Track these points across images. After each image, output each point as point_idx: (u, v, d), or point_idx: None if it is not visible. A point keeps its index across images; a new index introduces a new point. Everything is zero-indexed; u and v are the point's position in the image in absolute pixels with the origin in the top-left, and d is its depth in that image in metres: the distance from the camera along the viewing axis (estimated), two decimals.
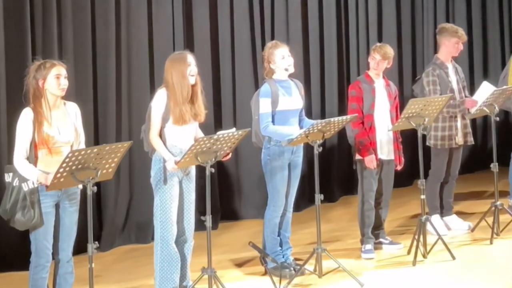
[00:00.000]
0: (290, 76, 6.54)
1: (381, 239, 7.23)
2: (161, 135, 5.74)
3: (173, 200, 5.78)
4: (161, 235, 5.78)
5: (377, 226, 7.20)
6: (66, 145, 5.35)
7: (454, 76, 7.61)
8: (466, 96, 7.62)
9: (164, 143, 5.73)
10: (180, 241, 5.91)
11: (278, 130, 6.34)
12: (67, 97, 6.91)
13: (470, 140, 7.68)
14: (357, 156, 7.01)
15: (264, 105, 6.36)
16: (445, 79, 7.51)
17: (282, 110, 6.40)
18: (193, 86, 5.75)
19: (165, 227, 5.77)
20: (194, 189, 5.94)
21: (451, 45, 7.59)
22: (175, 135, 5.75)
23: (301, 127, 6.47)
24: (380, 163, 7.02)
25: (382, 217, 7.23)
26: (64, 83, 5.31)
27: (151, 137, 5.74)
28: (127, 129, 7.62)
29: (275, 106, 6.37)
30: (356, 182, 8.94)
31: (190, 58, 5.76)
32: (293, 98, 6.47)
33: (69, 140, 5.37)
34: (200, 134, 5.96)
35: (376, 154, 6.94)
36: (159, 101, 5.72)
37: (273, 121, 6.36)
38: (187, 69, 5.70)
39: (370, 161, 6.92)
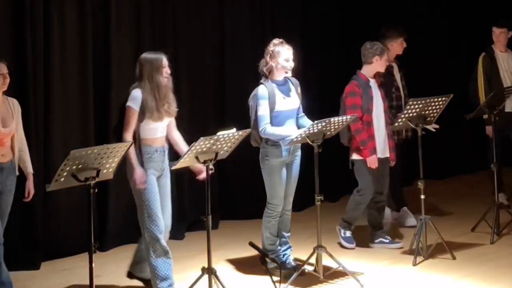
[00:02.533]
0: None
1: (381, 239, 7.24)
2: (135, 134, 5.86)
3: (156, 197, 5.86)
4: (151, 235, 5.83)
5: (377, 226, 7.22)
6: (8, 137, 5.87)
7: (398, 74, 7.96)
8: (405, 94, 7.93)
9: (140, 141, 5.85)
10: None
11: (276, 131, 6.34)
12: (69, 96, 6.96)
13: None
14: (355, 156, 7.03)
15: (261, 107, 6.36)
16: (390, 78, 7.81)
17: (280, 111, 6.40)
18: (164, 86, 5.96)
19: (154, 225, 5.83)
20: (169, 183, 6.08)
21: (397, 45, 7.92)
22: (150, 132, 5.88)
23: (299, 125, 6.49)
24: (379, 162, 7.04)
25: (381, 217, 7.26)
26: (5, 78, 5.82)
27: (125, 137, 5.81)
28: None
29: (272, 107, 6.37)
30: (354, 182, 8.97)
31: (165, 60, 5.95)
32: (291, 99, 6.47)
33: (11, 131, 5.87)
34: (176, 132, 6.13)
35: (376, 154, 6.96)
36: (135, 101, 5.84)
37: (271, 122, 6.36)
38: (162, 71, 5.89)
39: (373, 161, 6.95)
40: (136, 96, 5.84)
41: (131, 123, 5.82)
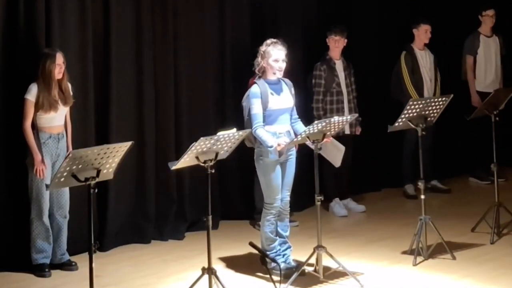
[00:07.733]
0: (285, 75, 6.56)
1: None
2: (33, 122, 6.56)
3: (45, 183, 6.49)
4: (36, 213, 6.59)
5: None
6: None
7: (343, 72, 8.46)
8: (353, 92, 8.54)
9: (37, 129, 6.57)
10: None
11: (263, 136, 6.33)
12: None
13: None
14: None
15: (255, 106, 6.38)
16: (331, 73, 8.39)
17: (272, 110, 6.41)
18: (61, 78, 6.65)
19: (38, 206, 6.59)
20: None
21: (341, 43, 8.48)
22: (46, 121, 6.61)
23: (294, 130, 6.51)
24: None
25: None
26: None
27: (25, 127, 6.54)
28: (126, 129, 7.61)
29: (265, 106, 6.39)
30: (354, 182, 8.97)
31: (59, 57, 6.61)
32: (282, 97, 6.48)
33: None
34: (68, 122, 6.80)
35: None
36: (31, 93, 6.55)
37: (264, 120, 6.38)
38: (56, 68, 6.57)
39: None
40: (31, 89, 6.56)
41: (29, 113, 6.56)
